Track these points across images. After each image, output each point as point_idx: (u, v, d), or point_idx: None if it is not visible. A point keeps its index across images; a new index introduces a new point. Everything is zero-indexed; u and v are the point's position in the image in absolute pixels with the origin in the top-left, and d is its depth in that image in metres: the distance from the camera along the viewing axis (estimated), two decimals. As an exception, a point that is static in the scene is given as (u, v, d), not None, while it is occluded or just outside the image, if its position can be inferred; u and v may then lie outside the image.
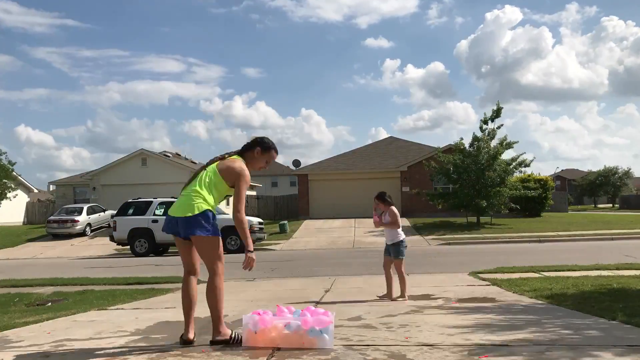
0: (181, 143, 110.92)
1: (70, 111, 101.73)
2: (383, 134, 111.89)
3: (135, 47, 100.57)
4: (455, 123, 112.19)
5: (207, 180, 3.88)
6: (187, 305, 3.97)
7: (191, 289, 4.01)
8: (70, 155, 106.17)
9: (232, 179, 3.86)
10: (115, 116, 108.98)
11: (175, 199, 16.37)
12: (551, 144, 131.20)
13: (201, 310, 5.78)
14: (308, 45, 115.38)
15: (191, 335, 3.90)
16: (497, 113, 22.89)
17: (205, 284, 4.00)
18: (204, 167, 4.00)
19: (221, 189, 3.90)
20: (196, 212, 3.75)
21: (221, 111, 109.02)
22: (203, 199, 3.80)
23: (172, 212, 3.91)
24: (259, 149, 4.05)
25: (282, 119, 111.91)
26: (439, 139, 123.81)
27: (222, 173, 3.88)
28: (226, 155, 4.05)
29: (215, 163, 3.98)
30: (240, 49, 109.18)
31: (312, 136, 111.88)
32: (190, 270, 4.03)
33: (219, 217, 18.51)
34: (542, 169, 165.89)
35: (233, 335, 3.83)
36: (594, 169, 65.48)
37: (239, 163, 3.93)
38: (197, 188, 3.85)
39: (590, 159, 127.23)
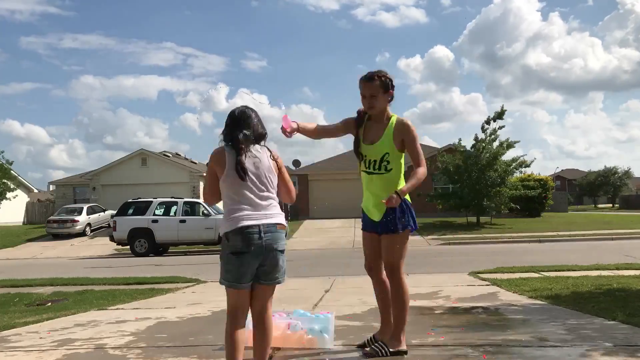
0: (177, 137, 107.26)
1: (59, 107, 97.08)
2: None
3: (124, 35, 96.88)
4: (465, 115, 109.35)
5: None
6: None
7: None
8: (64, 154, 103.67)
9: None
10: (106, 112, 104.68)
11: (175, 198, 16.23)
12: (563, 139, 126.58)
13: (199, 310, 5.79)
14: (309, 36, 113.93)
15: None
16: (499, 115, 22.88)
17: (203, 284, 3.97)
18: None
19: None
20: None
21: (218, 105, 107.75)
22: None
23: None
24: None
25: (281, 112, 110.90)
26: (445, 133, 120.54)
27: None
28: None
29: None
30: (239, 38, 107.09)
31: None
32: None
33: (218, 217, 18.35)
34: (549, 167, 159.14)
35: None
36: (601, 168, 65.02)
37: None
38: None
39: (603, 155, 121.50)
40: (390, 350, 3.34)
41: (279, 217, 2.95)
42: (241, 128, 2.92)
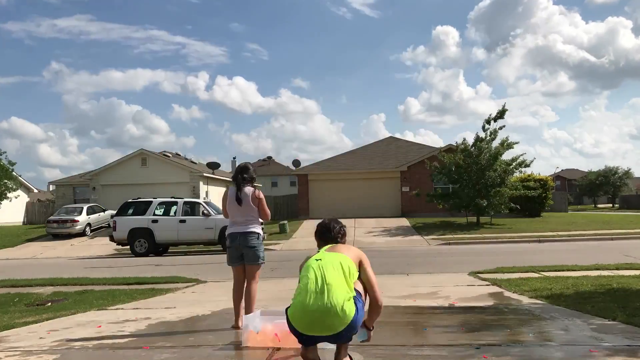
0: (169, 131, 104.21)
1: (44, 102, 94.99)
2: (392, 124, 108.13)
3: (107, 20, 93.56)
4: (473, 108, 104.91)
5: None
6: None
7: None
8: (55, 151, 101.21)
9: None
10: (95, 106, 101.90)
11: (175, 198, 16.23)
12: (572, 134, 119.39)
13: (199, 310, 5.79)
14: (307, 23, 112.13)
15: None
16: (501, 114, 22.86)
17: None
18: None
19: None
20: None
21: (213, 97, 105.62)
22: None
23: None
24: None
25: (280, 106, 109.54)
26: (451, 128, 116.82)
27: None
28: None
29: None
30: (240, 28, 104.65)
31: (310, 127, 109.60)
32: None
33: (218, 217, 18.16)
34: (561, 163, 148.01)
35: None
36: (609, 165, 64.32)
37: None
38: None
39: (617, 151, 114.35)
40: None
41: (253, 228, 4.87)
42: (242, 174, 4.93)
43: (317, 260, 3.13)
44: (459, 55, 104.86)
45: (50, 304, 7.34)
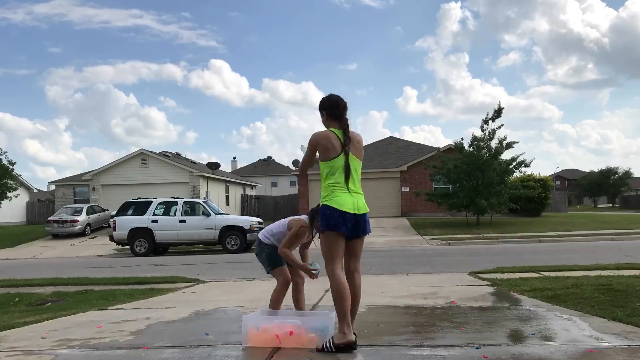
0: (160, 125, 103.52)
1: (35, 98, 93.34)
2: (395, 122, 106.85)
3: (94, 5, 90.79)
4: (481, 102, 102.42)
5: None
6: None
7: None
8: (48, 150, 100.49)
9: None
10: (87, 102, 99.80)
11: (175, 198, 16.30)
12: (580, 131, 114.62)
13: (199, 310, 5.79)
14: (303, 14, 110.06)
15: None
16: (498, 113, 22.88)
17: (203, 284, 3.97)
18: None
19: None
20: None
21: (213, 94, 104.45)
22: None
23: (359, 209, 3.98)
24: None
25: (279, 103, 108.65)
26: (456, 124, 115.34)
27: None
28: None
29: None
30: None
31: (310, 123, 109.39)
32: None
33: (218, 217, 18.20)
34: (573, 162, 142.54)
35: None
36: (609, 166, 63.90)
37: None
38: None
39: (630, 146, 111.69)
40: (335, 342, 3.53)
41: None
42: None
43: None
44: (463, 45, 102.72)
45: (50, 304, 7.34)
